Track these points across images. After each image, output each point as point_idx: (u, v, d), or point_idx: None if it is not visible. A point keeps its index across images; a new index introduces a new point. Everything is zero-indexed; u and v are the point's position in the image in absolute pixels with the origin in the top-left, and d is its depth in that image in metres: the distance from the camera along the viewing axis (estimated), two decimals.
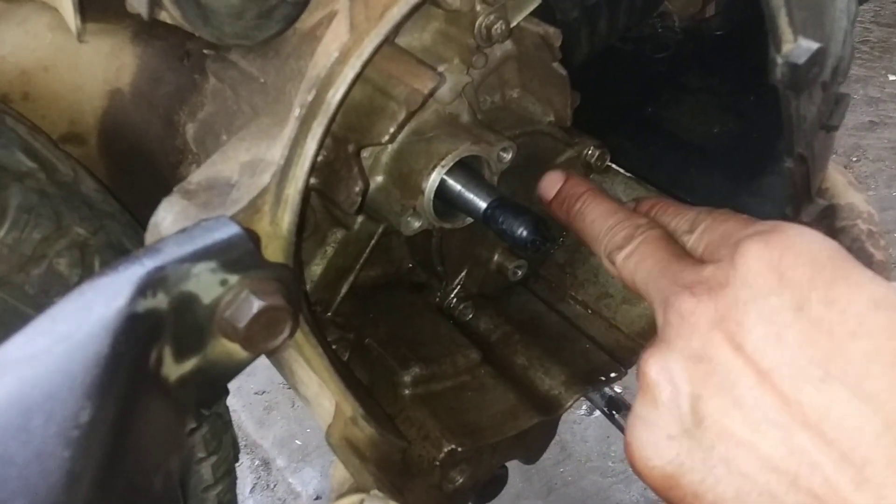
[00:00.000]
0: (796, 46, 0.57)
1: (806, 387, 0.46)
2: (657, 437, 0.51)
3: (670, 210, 0.64)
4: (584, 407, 2.02)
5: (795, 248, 0.49)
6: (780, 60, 0.58)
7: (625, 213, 0.65)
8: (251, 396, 2.11)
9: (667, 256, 0.58)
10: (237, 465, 0.97)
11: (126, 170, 0.84)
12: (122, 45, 0.77)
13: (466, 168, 0.73)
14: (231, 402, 2.02)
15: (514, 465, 0.87)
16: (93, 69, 0.78)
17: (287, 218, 0.56)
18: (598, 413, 1.97)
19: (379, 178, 0.74)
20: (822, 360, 0.46)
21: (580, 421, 2.02)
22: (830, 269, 0.48)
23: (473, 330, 0.89)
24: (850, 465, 0.44)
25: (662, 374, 0.51)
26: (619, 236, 0.63)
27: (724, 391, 0.48)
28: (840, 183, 0.86)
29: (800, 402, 0.46)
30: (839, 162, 2.92)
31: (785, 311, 0.47)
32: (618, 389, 1.55)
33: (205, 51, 0.70)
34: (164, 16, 0.54)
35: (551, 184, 0.73)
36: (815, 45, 0.58)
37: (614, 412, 1.44)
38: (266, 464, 1.97)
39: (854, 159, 2.99)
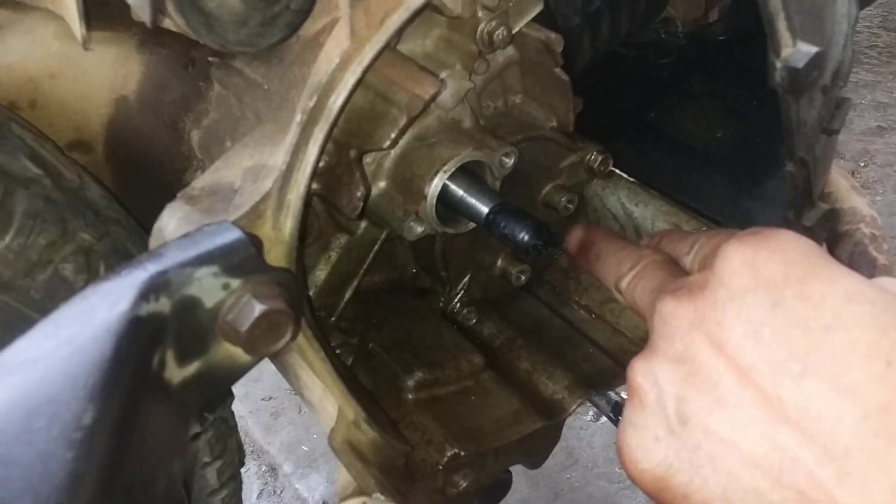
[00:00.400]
0: (795, 51, 0.58)
1: (785, 382, 0.46)
2: (646, 439, 0.51)
3: (675, 237, 0.67)
4: (590, 413, 2.02)
5: (769, 246, 0.49)
6: (779, 64, 0.58)
7: (632, 248, 0.69)
8: (258, 402, 2.11)
9: (663, 276, 0.61)
10: (244, 470, 0.98)
11: (132, 176, 0.85)
12: (128, 53, 0.78)
13: (469, 173, 0.73)
14: (238, 407, 2.02)
15: (520, 471, 0.87)
16: (99, 77, 0.78)
17: (289, 223, 0.57)
18: (604, 419, 1.96)
19: (382, 184, 0.74)
20: (800, 355, 0.46)
21: (586, 427, 2.02)
22: (804, 265, 0.48)
23: (477, 335, 0.90)
24: (832, 458, 0.44)
25: (647, 377, 0.52)
26: (624, 266, 0.66)
27: (706, 391, 0.49)
28: (843, 187, 0.86)
29: (780, 397, 0.46)
30: (847, 167, 2.92)
31: (761, 309, 0.48)
32: (624, 395, 1.54)
33: (209, 58, 0.70)
34: (168, 23, 0.55)
35: (575, 236, 0.78)
36: (813, 49, 0.58)
37: (620, 417, 1.43)
38: (273, 469, 1.97)
39: (862, 164, 2.98)
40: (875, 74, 3.52)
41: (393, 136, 0.68)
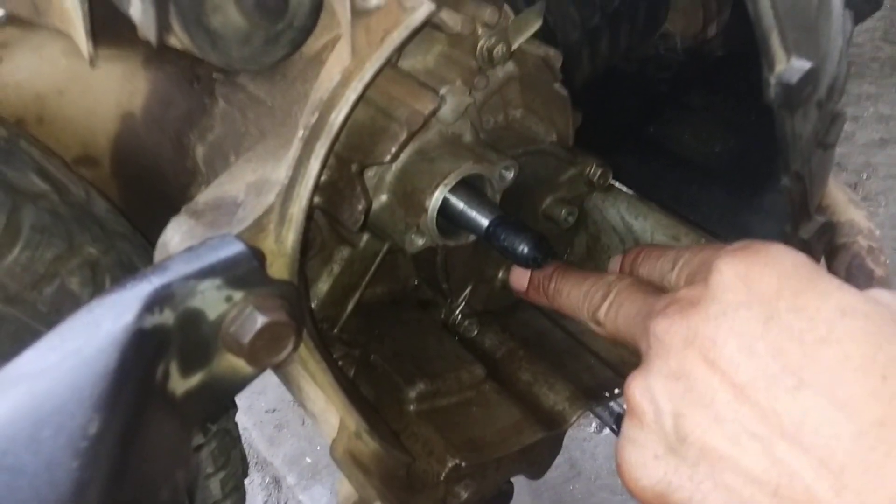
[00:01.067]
0: (789, 66, 0.59)
1: (781, 396, 0.46)
2: (645, 457, 0.52)
3: (654, 254, 0.66)
4: (593, 425, 2.02)
5: (762, 260, 0.49)
6: (772, 80, 0.59)
7: (595, 276, 0.68)
8: (262, 414, 2.12)
9: (641, 297, 0.60)
10: (248, 482, 0.98)
11: (137, 191, 0.86)
12: (134, 70, 0.79)
13: (469, 187, 0.74)
14: (242, 420, 2.03)
15: (523, 483, 0.87)
16: (105, 93, 0.80)
17: (291, 236, 0.58)
18: (607, 431, 1.96)
19: (383, 197, 0.75)
20: (795, 368, 0.46)
21: (590, 438, 2.02)
22: (797, 278, 0.48)
23: (479, 346, 0.90)
24: (829, 472, 0.44)
25: (645, 395, 0.52)
26: (595, 297, 0.66)
27: (703, 407, 0.49)
28: (841, 200, 0.86)
29: (776, 411, 0.46)
30: (849, 179, 2.92)
31: (754, 323, 0.48)
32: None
33: (214, 75, 0.71)
34: (173, 41, 0.56)
35: (521, 274, 0.77)
36: (807, 65, 0.59)
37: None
38: (276, 481, 1.97)
39: (864, 177, 2.97)
40: (878, 87, 3.52)
41: (394, 150, 0.69)
